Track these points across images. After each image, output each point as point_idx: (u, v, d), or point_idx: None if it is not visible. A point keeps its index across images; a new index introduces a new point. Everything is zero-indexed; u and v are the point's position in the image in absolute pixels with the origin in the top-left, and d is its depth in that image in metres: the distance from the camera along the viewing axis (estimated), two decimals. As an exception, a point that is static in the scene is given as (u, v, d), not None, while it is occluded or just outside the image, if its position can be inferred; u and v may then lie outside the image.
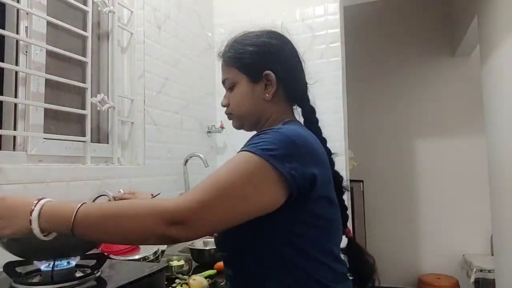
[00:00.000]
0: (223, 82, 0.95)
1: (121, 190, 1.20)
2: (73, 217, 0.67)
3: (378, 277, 0.96)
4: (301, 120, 0.96)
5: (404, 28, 3.76)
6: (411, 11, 3.74)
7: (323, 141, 0.91)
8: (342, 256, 0.89)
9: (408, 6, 3.75)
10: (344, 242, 0.93)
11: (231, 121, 0.97)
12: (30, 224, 0.68)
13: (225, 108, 0.97)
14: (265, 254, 0.79)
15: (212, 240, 1.18)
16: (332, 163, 0.90)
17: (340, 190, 0.92)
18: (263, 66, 0.89)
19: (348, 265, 0.91)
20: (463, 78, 3.55)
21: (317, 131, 0.92)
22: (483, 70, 2.54)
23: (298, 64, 0.95)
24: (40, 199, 0.70)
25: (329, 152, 0.90)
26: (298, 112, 0.97)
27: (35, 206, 0.69)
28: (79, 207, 0.68)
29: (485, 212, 3.27)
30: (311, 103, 0.96)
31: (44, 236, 0.69)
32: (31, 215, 0.68)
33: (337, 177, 0.92)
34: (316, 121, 0.95)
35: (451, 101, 3.59)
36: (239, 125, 0.96)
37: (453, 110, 3.58)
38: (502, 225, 2.25)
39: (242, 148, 0.78)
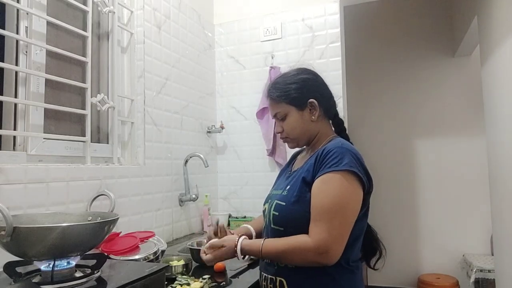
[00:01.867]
0: (275, 115, 1.17)
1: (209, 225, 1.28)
2: (260, 254, 1.05)
3: (384, 247, 1.20)
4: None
5: (404, 28, 3.75)
6: (411, 11, 3.74)
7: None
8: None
9: (408, 6, 3.75)
10: None
11: (286, 143, 1.21)
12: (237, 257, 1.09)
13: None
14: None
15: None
16: None
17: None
18: (307, 96, 1.13)
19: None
20: (463, 78, 3.55)
21: (347, 138, 1.17)
22: (483, 70, 2.53)
23: (328, 88, 1.19)
24: (238, 240, 1.09)
25: None
26: None
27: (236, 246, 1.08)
28: (261, 246, 1.04)
29: (485, 212, 3.27)
30: (340, 116, 1.22)
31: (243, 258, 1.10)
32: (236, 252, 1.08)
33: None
34: (345, 129, 1.21)
35: (451, 101, 3.59)
36: (295, 145, 1.20)
37: (453, 110, 3.58)
38: (502, 225, 2.25)
39: (321, 171, 1.01)
